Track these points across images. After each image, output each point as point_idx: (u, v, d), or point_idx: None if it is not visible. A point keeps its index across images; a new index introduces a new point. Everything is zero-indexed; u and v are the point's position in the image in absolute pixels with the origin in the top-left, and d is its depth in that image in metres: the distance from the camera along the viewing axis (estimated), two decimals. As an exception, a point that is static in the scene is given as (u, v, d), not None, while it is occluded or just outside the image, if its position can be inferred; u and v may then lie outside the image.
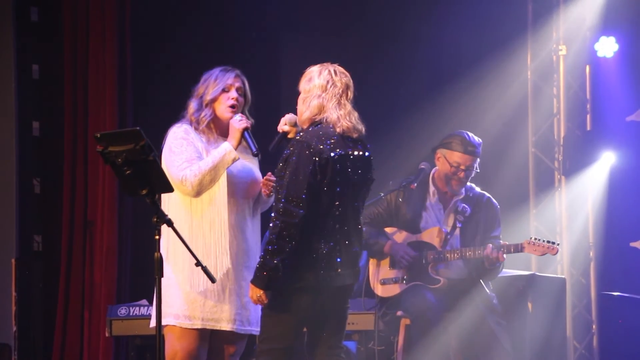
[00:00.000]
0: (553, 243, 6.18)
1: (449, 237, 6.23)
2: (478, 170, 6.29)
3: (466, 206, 6.27)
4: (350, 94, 4.78)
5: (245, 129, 4.90)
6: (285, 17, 8.34)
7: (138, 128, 4.02)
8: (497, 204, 6.38)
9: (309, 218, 4.59)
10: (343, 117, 4.71)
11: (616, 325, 7.98)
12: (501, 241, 6.28)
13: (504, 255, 6.12)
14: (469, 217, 6.27)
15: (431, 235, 6.25)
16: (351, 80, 4.80)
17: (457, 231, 6.26)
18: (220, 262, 4.84)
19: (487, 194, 6.37)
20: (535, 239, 6.20)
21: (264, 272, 4.60)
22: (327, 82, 4.73)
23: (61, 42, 7.85)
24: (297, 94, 4.82)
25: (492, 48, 8.06)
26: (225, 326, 4.88)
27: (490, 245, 6.12)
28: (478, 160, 6.27)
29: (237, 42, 8.15)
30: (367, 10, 8.41)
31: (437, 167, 6.33)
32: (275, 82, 8.34)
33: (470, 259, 6.19)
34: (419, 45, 8.08)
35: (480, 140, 6.30)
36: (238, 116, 4.93)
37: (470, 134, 6.28)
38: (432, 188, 6.32)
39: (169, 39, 8.05)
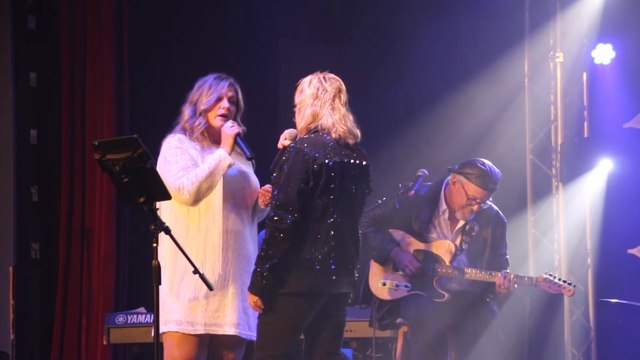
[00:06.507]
0: (569, 284, 6.14)
1: (458, 252, 6.20)
2: (491, 202, 6.23)
3: (475, 223, 6.22)
4: (344, 97, 4.79)
5: (237, 134, 4.91)
6: (283, 25, 8.36)
7: (136, 136, 4.02)
8: (505, 218, 6.34)
9: (301, 224, 4.61)
10: (338, 122, 4.73)
11: (614, 332, 7.98)
12: (507, 257, 6.27)
13: (515, 286, 6.08)
14: (477, 233, 6.22)
15: (442, 248, 6.19)
16: (343, 84, 4.82)
17: (465, 245, 6.23)
18: (213, 268, 4.85)
19: (496, 207, 6.27)
20: (551, 275, 6.14)
21: (257, 278, 4.63)
22: (318, 89, 4.75)
23: (59, 50, 7.86)
24: (293, 102, 4.84)
25: (490, 55, 8.07)
26: (229, 330, 4.88)
27: (504, 274, 6.07)
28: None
29: (236, 50, 8.16)
30: (364, 18, 8.43)
31: (450, 187, 6.22)
32: (273, 90, 8.35)
33: (477, 280, 6.16)
34: (416, 53, 8.09)
35: (500, 172, 6.18)
36: (229, 122, 4.95)
37: (492, 166, 6.13)
38: (443, 206, 6.23)
39: (167, 46, 8.06)
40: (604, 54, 8.23)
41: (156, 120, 7.11)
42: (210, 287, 4.41)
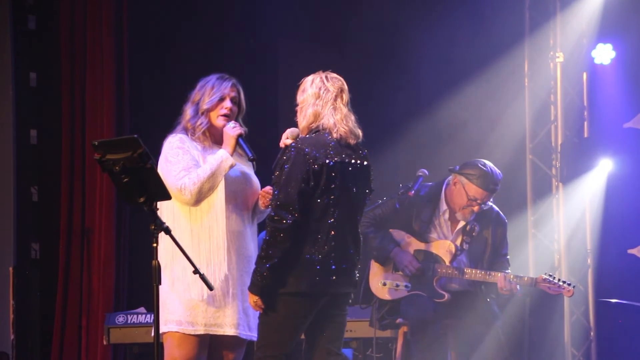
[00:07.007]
0: (569, 284, 6.14)
1: (459, 253, 6.20)
2: (492, 202, 6.21)
3: (476, 224, 6.21)
4: (346, 97, 4.79)
5: (240, 135, 4.91)
6: (283, 25, 8.35)
7: (136, 136, 4.01)
8: (505, 218, 6.33)
9: (302, 224, 4.61)
10: (339, 121, 4.73)
11: (614, 332, 7.98)
12: (508, 257, 6.26)
13: (518, 287, 6.08)
14: (478, 234, 6.22)
15: (442, 249, 6.18)
16: (345, 84, 4.81)
17: (465, 246, 6.23)
18: (218, 269, 4.85)
19: (496, 208, 6.27)
20: (551, 275, 6.14)
21: (257, 277, 4.64)
22: (320, 88, 4.75)
23: (59, 50, 7.86)
24: (295, 102, 4.84)
25: (490, 55, 8.07)
26: (229, 331, 4.88)
27: (503, 274, 6.07)
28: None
29: (236, 50, 8.15)
30: (365, 19, 8.42)
31: (451, 188, 6.22)
32: (273, 90, 8.35)
33: (477, 280, 6.15)
34: (416, 53, 8.09)
35: (501, 173, 6.18)
36: (232, 123, 4.95)
37: (493, 167, 6.14)
38: (444, 206, 6.24)
39: (167, 47, 8.06)
40: (604, 54, 8.22)
41: (156, 120, 7.11)
42: (210, 287, 4.40)
